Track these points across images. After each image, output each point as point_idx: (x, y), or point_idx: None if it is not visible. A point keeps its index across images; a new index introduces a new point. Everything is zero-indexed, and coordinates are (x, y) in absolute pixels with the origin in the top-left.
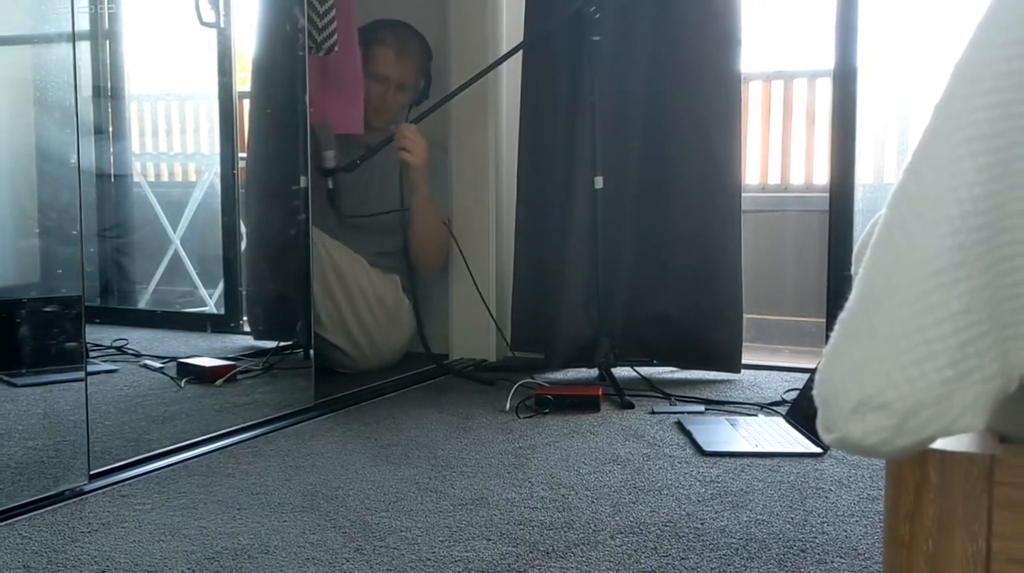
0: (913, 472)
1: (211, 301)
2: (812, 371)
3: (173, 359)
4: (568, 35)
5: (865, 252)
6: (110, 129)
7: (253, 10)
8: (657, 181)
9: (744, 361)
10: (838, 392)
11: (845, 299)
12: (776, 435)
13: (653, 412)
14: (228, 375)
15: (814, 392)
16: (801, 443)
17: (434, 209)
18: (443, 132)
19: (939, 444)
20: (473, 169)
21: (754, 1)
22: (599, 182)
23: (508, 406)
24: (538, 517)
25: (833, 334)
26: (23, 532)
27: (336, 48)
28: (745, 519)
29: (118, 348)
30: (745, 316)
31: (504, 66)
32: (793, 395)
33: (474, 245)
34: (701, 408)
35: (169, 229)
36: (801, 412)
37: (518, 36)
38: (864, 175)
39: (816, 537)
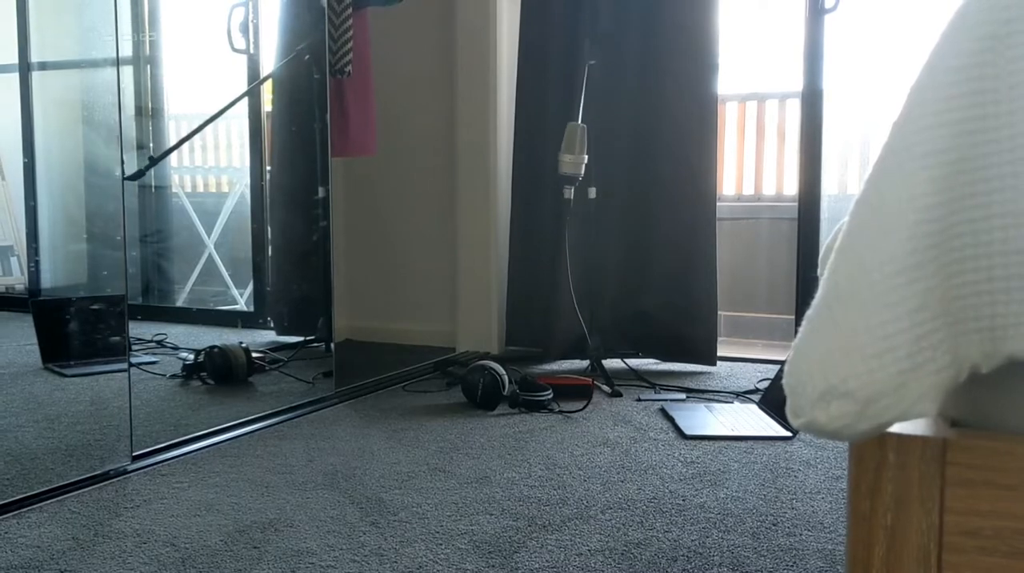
0: (873, 453)
1: (242, 299)
2: (782, 363)
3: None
4: (564, 59)
5: (830, 256)
6: (151, 145)
7: (276, 36)
8: (643, 192)
9: (721, 354)
10: (805, 382)
11: (813, 298)
12: (750, 420)
13: (639, 399)
14: (259, 366)
15: (784, 382)
16: (772, 428)
17: None
18: (448, 149)
19: (897, 428)
20: (475, 182)
21: (730, 29)
22: (592, 193)
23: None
24: (536, 494)
25: (801, 329)
26: (72, 507)
27: (349, 70)
28: (722, 496)
29: (158, 342)
30: (722, 313)
31: (504, 86)
32: (765, 384)
33: (477, 249)
34: (683, 396)
35: (204, 235)
36: (772, 400)
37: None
38: (829, 186)
39: (786, 512)
